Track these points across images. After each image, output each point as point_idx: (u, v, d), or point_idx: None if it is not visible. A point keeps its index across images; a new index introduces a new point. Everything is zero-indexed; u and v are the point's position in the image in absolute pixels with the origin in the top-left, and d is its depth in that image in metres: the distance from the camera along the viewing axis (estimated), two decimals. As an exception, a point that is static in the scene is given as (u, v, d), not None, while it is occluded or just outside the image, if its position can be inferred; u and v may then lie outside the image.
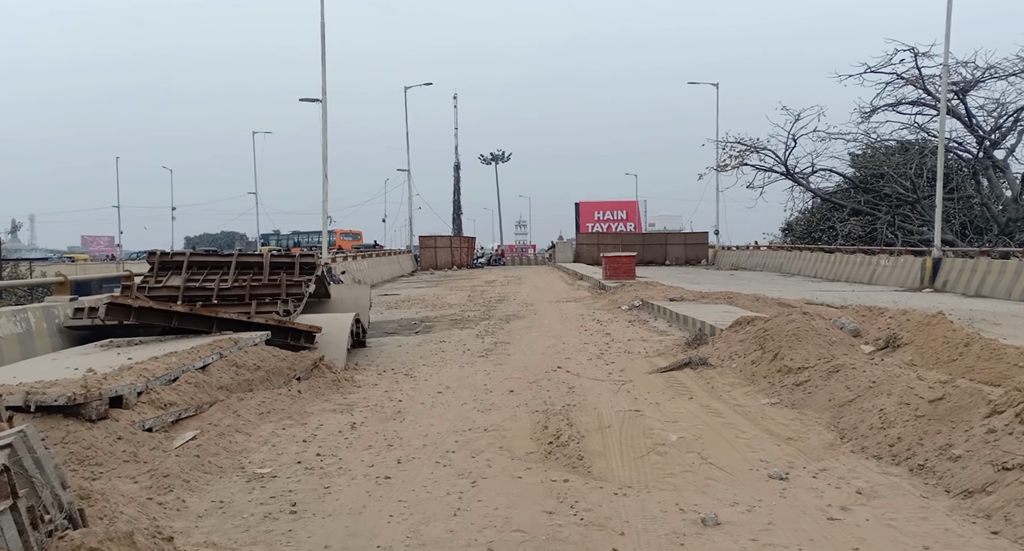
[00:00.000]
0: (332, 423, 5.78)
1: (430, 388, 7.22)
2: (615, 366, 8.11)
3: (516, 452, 4.88)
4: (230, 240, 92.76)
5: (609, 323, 12.33)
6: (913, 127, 31.12)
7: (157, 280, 9.18)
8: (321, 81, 19.77)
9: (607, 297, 16.51)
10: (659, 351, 8.94)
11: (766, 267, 31.35)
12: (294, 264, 9.75)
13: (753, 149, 32.20)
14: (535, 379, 7.50)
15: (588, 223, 56.38)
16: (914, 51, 28.05)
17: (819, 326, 6.87)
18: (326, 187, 20.04)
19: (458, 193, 64.15)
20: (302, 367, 7.00)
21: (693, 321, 10.48)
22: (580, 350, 9.49)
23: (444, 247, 42.54)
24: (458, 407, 6.35)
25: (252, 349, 6.81)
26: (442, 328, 12.56)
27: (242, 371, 6.35)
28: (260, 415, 5.77)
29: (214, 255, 9.95)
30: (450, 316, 14.55)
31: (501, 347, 10.03)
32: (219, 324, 7.47)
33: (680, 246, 40.84)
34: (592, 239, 44.22)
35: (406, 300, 18.97)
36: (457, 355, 9.43)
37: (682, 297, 13.86)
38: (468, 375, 7.91)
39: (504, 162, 73.91)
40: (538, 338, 10.81)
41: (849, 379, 5.60)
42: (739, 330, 7.95)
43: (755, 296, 13.75)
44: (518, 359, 8.95)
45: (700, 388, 6.62)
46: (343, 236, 66.24)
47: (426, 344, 10.57)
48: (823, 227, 33.97)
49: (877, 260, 22.30)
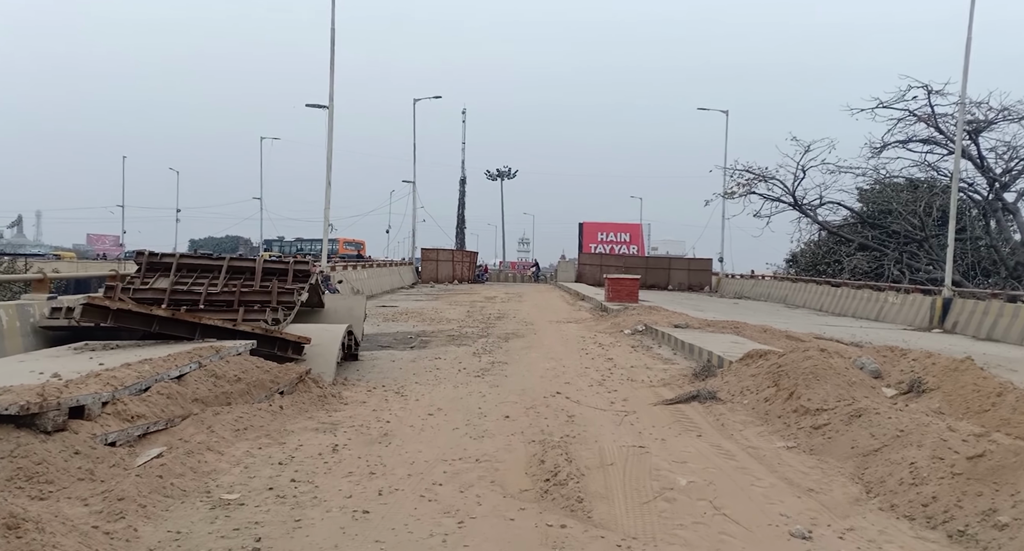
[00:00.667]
0: (313, 444, 5.36)
1: (421, 409, 6.79)
2: (618, 395, 7.69)
3: (509, 488, 4.46)
4: (234, 244, 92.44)
5: (611, 347, 11.91)
6: (923, 165, 30.90)
7: (144, 281, 8.80)
8: (329, 87, 19.55)
9: (609, 320, 16.11)
10: (664, 381, 8.52)
11: (770, 297, 30.95)
12: (287, 271, 9.36)
13: (761, 178, 31.95)
14: (533, 405, 7.08)
15: (591, 244, 56.10)
16: (928, 88, 27.87)
17: (838, 365, 6.46)
18: (329, 194, 19.72)
19: (463, 207, 63.91)
20: (286, 380, 6.58)
21: (700, 350, 10.07)
22: (581, 375, 9.08)
23: (446, 260, 42.21)
24: (449, 432, 5.93)
25: (234, 359, 6.40)
26: (438, 344, 12.14)
27: (221, 382, 5.94)
28: (236, 432, 5.35)
29: (205, 258, 9.57)
30: (447, 331, 14.14)
31: (498, 367, 9.62)
32: (202, 330, 7.07)
33: (683, 271, 40.46)
34: (595, 260, 43.87)
35: (404, 313, 18.56)
36: (452, 374, 9.01)
37: (687, 324, 13.45)
38: (462, 396, 7.49)
39: (510, 179, 73.79)
40: (537, 360, 10.40)
41: (873, 425, 5.18)
42: (750, 364, 7.54)
43: (763, 327, 13.34)
44: (516, 381, 8.53)
45: (709, 425, 6.19)
46: (346, 245, 65.97)
47: (421, 360, 10.16)
48: (828, 260, 33.62)
49: (885, 297, 21.90)
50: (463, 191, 63.98)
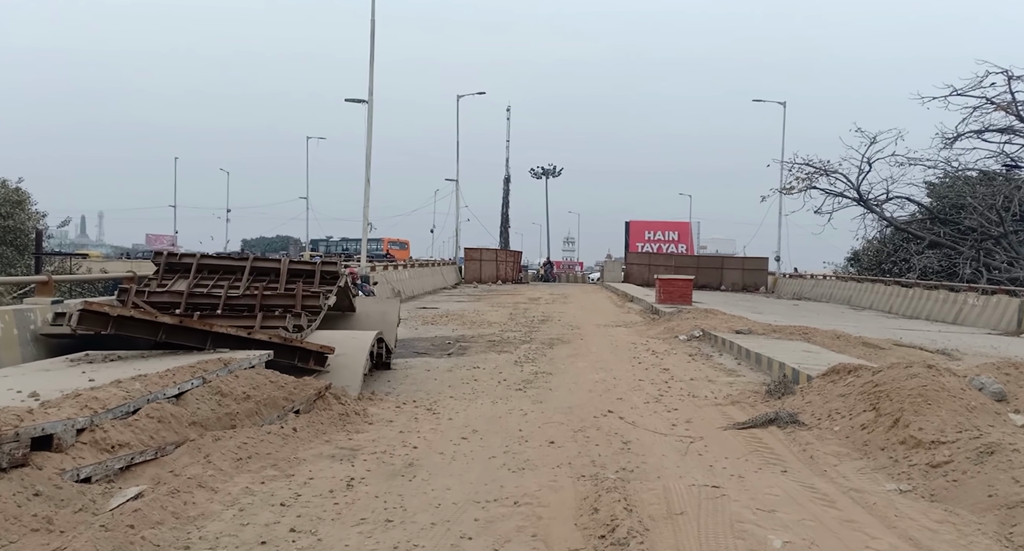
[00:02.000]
0: (325, 476, 4.58)
1: (454, 431, 5.96)
2: (679, 415, 6.71)
3: (555, 545, 3.58)
4: (284, 244, 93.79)
5: (666, 356, 10.89)
6: (1001, 156, 28.67)
7: (161, 283, 8.22)
8: (368, 82, 18.98)
9: (662, 324, 15.03)
10: (731, 397, 7.49)
11: (832, 298, 29.23)
12: (314, 272, 8.67)
13: (823, 172, 30.15)
14: (581, 426, 6.18)
15: (638, 243, 54.77)
16: (1008, 74, 25.81)
17: (951, 385, 5.36)
18: (368, 192, 19.15)
19: (507, 206, 63.18)
20: (303, 397, 5.84)
21: (769, 361, 8.98)
22: (634, 389, 8.12)
23: (489, 260, 41.50)
24: (484, 461, 5.08)
25: (245, 373, 5.69)
26: (478, 350, 11.32)
27: (227, 401, 5.22)
28: (237, 462, 4.61)
29: (227, 258, 8.96)
30: (488, 336, 13.32)
31: (542, 379, 8.73)
32: (214, 340, 6.39)
33: (737, 271, 38.80)
34: (643, 259, 42.56)
35: (444, 315, 17.84)
36: (491, 386, 8.17)
37: (750, 329, 12.31)
38: (501, 415, 6.63)
39: (555, 177, 72.71)
40: (585, 370, 9.47)
41: (1015, 467, 4.11)
42: (837, 381, 6.47)
43: (835, 333, 12.10)
44: (561, 396, 7.64)
45: (795, 457, 5.18)
46: (391, 244, 66.03)
47: (458, 370, 9.35)
48: (894, 259, 31.61)
49: (964, 298, 20.17)
50: (507, 190, 63.25)
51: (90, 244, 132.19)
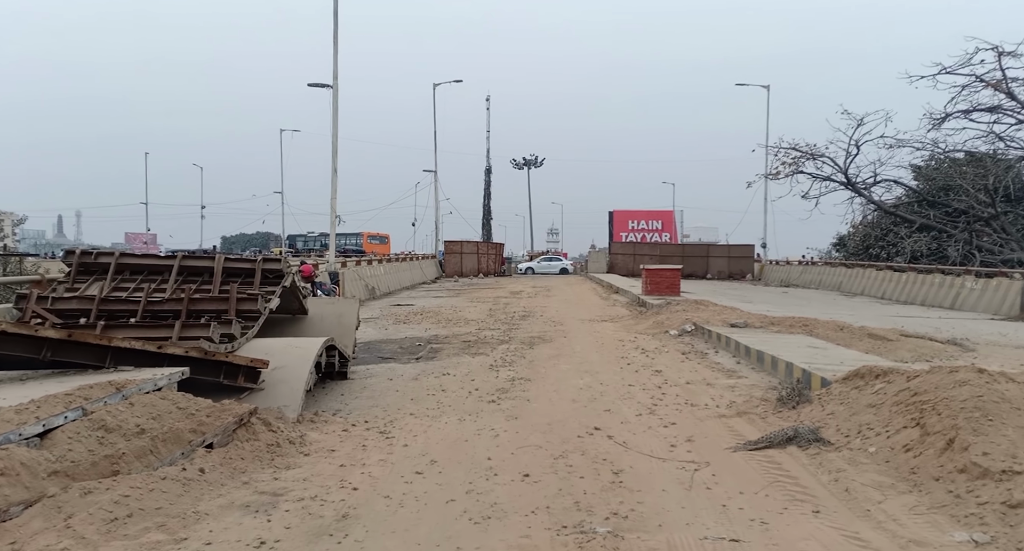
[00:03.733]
0: (229, 539, 3.50)
1: (408, 462, 4.90)
2: (678, 431, 5.69)
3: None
4: (265, 240, 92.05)
5: (657, 354, 9.89)
6: (990, 137, 27.96)
7: (73, 287, 7.06)
8: (333, 65, 17.71)
9: (650, 317, 14.05)
10: (735, 406, 6.49)
11: (822, 284, 28.48)
12: (254, 272, 7.55)
13: (810, 156, 29.27)
14: (562, 450, 5.15)
15: (622, 232, 54.01)
16: (998, 50, 25.01)
17: (1012, 394, 4.39)
18: (335, 182, 17.94)
19: (488, 198, 62.08)
20: (219, 426, 4.73)
21: (774, 361, 7.99)
22: (624, 397, 7.10)
23: (471, 253, 40.40)
24: (440, 508, 4.03)
25: (145, 399, 4.57)
26: (450, 353, 10.26)
27: (111, 439, 4.11)
28: (110, 524, 3.51)
29: (151, 257, 7.80)
30: (464, 336, 12.25)
31: (519, 386, 7.69)
32: (116, 356, 5.27)
33: (723, 259, 38.01)
34: (627, 249, 41.67)
35: (419, 312, 16.74)
36: (460, 398, 7.11)
37: (746, 322, 11.35)
38: (468, 437, 5.58)
39: (537, 167, 71.70)
40: (568, 374, 8.44)
41: None
42: (863, 387, 5.48)
43: (837, 324, 11.17)
44: (540, 408, 6.60)
45: (826, 490, 4.18)
46: (370, 239, 64.67)
47: (425, 377, 8.28)
48: (882, 243, 30.92)
49: (961, 282, 19.40)
50: (488, 181, 62.14)
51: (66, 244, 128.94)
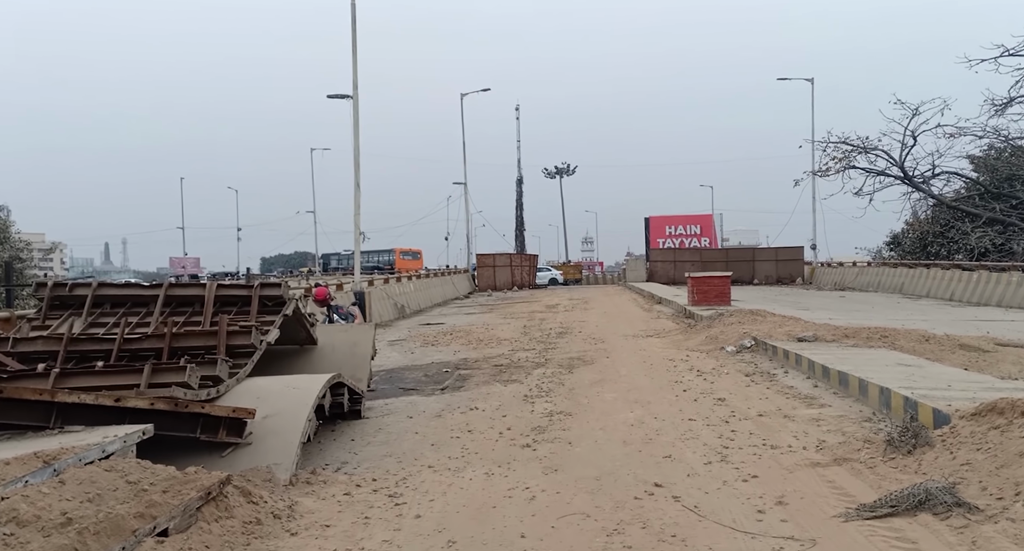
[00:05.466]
0: None
1: (420, 542, 3.82)
2: (762, 487, 4.49)
3: None
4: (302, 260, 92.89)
5: (716, 377, 8.64)
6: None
7: (44, 325, 6.19)
8: (352, 75, 16.94)
9: (702, 332, 12.76)
10: (829, 449, 5.24)
11: (881, 287, 26.66)
12: (250, 300, 6.60)
13: (862, 149, 27.51)
14: (616, 521, 4.00)
15: (659, 239, 52.44)
16: (1065, 25, 23.13)
17: None
18: (358, 197, 17.09)
19: (520, 208, 61.20)
20: (176, 505, 3.71)
21: (862, 385, 6.69)
22: (685, 436, 5.91)
23: (503, 266, 39.40)
24: (456, 626, 2.92)
25: (79, 474, 3.59)
26: (480, 381, 9.18)
27: (24, 535, 3.11)
28: None
29: (133, 287, 6.92)
30: (495, 359, 11.17)
31: (558, 424, 6.56)
32: (62, 413, 4.32)
33: (770, 263, 36.25)
34: (667, 256, 40.18)
35: (449, 332, 15.73)
36: (489, 442, 6.02)
37: (815, 335, 10.01)
38: (496, 501, 4.46)
39: (569, 175, 70.59)
40: (615, 405, 7.28)
41: None
42: (1007, 428, 4.21)
43: (921, 335, 9.76)
44: (585, 455, 5.46)
45: (1000, 595, 2.94)
46: (403, 255, 64.36)
47: (450, 413, 7.22)
48: (941, 240, 28.90)
49: (1045, 279, 17.58)
50: (520, 191, 61.31)
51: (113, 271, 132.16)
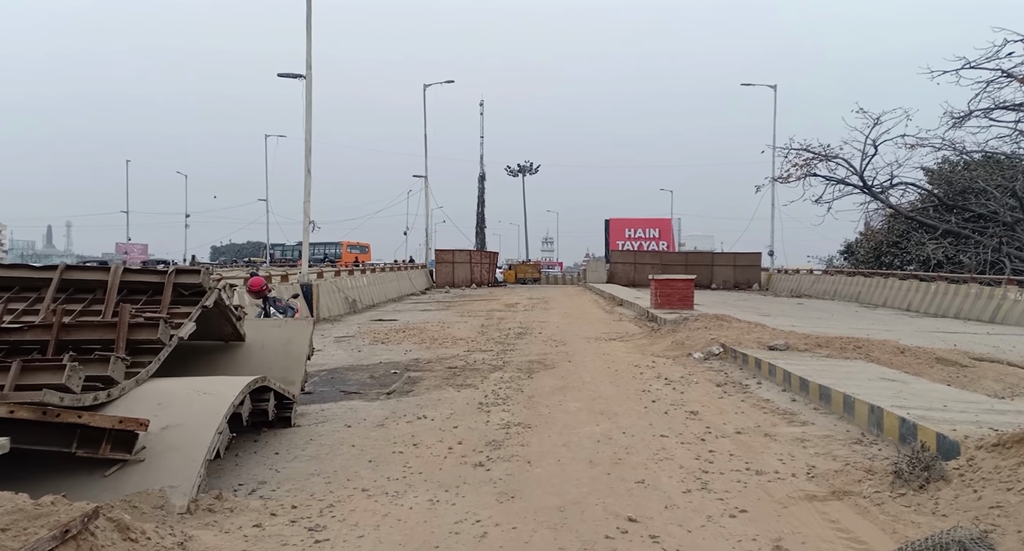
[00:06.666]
0: None
1: (339, 599, 3.01)
2: (755, 527, 3.82)
3: None
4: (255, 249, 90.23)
5: (686, 386, 8.03)
6: (1015, 136, 26.32)
7: (-96, 311, 5.16)
8: (306, 54, 15.88)
9: (667, 336, 12.19)
10: (817, 473, 4.62)
11: (838, 295, 26.73)
12: (163, 287, 5.67)
13: (823, 157, 27.58)
14: (587, 569, 3.27)
15: (618, 241, 52.31)
16: (1028, 42, 23.39)
17: None
18: (308, 183, 16.04)
19: (482, 205, 60.44)
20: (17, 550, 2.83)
21: (848, 401, 6.13)
22: (659, 455, 5.23)
23: (463, 262, 38.54)
24: None
25: None
26: (431, 385, 8.37)
27: None
28: None
29: (24, 269, 5.90)
30: (449, 360, 10.38)
31: (516, 438, 5.81)
32: None
33: (728, 268, 36.27)
34: (627, 257, 39.92)
35: (402, 329, 14.86)
36: (436, 458, 5.23)
37: (787, 344, 9.51)
38: (439, 541, 3.68)
39: (532, 174, 70.04)
40: (579, 416, 6.57)
41: None
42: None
43: (896, 347, 9.35)
44: (546, 478, 4.72)
45: None
46: (350, 248, 62.88)
47: (394, 422, 6.41)
48: (895, 251, 29.25)
49: (1003, 293, 17.63)
50: (482, 188, 60.54)
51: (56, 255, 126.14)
